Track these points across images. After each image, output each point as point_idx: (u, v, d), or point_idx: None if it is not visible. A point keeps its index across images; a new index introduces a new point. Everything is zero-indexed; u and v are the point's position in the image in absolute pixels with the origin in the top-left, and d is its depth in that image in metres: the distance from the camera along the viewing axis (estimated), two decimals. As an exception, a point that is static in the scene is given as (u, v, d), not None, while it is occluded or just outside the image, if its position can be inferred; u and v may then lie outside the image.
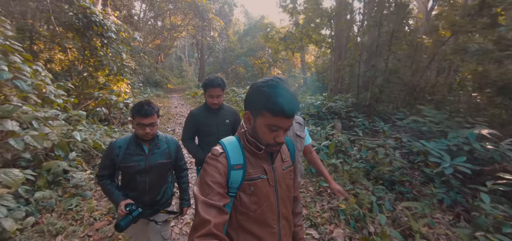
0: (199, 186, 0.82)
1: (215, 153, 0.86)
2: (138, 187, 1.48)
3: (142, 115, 1.38)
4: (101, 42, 6.77)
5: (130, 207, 1.37)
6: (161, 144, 1.55)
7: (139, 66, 14.03)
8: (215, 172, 0.81)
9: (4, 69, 2.79)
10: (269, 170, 0.90)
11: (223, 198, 0.79)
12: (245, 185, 0.85)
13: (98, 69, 7.03)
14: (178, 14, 19.52)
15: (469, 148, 2.90)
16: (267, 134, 0.81)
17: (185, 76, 24.98)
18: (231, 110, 2.15)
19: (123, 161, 1.44)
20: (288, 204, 0.98)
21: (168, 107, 9.62)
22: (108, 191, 1.47)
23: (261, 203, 0.87)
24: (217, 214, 0.75)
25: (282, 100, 0.76)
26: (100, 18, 6.42)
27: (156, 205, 1.57)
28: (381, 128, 4.62)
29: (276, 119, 0.78)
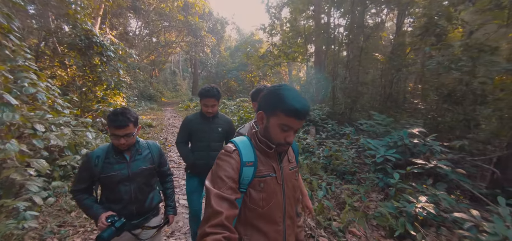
0: (212, 180, 0.85)
1: (228, 150, 0.91)
2: (123, 197, 1.41)
3: (115, 126, 1.33)
4: (100, 60, 7.49)
5: (111, 218, 1.29)
6: (143, 150, 1.51)
7: (134, 81, 14.74)
8: (229, 167, 0.86)
9: (26, 85, 3.46)
10: (277, 169, 0.95)
11: (235, 193, 0.84)
12: (255, 182, 0.90)
13: (96, 84, 7.71)
14: (172, 31, 20.55)
15: (401, 143, 3.66)
16: (279, 133, 0.87)
17: (179, 90, 25.74)
18: (226, 119, 2.24)
19: (103, 172, 1.37)
20: (293, 203, 1.02)
21: (161, 119, 10.27)
22: (85, 206, 1.37)
23: (269, 199, 0.91)
24: (228, 207, 0.79)
25: (295, 102, 0.84)
26: (100, 39, 7.17)
27: (145, 213, 1.51)
28: (346, 132, 5.38)
29: (289, 120, 0.85)
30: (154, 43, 20.51)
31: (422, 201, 2.37)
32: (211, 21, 20.77)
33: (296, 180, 1.05)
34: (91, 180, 1.39)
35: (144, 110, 12.50)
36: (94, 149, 1.43)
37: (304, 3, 7.65)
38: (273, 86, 0.92)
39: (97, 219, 1.30)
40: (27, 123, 2.69)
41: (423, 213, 2.28)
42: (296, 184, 1.05)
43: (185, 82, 30.58)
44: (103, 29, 12.48)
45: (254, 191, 0.90)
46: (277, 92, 0.87)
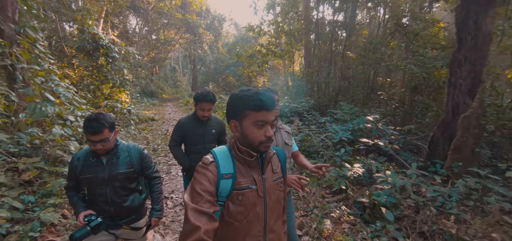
0: (189, 194, 0.84)
1: (205, 162, 0.89)
2: (99, 199, 1.45)
3: (90, 133, 1.34)
4: (106, 60, 8.35)
5: (89, 217, 1.35)
6: (121, 153, 1.51)
7: (136, 79, 15.61)
8: (205, 181, 0.84)
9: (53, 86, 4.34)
10: (259, 180, 0.92)
11: (213, 206, 0.82)
12: (234, 195, 0.87)
13: (103, 82, 8.59)
14: (171, 29, 21.32)
15: (357, 128, 4.51)
16: (257, 132, 0.86)
17: (179, 86, 26.62)
18: (218, 120, 2.30)
19: (82, 173, 1.43)
20: (277, 216, 0.99)
21: (162, 114, 11.17)
22: (72, 203, 1.48)
23: (247, 213, 0.89)
24: (207, 221, 0.78)
25: (260, 96, 0.85)
26: (106, 42, 8.02)
27: (126, 215, 1.54)
28: (323, 121, 6.24)
29: (261, 114, 0.84)
30: (153, 41, 21.34)
31: (355, 167, 3.24)
32: (208, 18, 21.49)
33: (280, 191, 1.01)
34: (76, 179, 1.46)
35: (146, 106, 13.40)
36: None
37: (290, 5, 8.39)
38: (233, 93, 0.93)
39: (77, 217, 1.38)
40: (62, 115, 3.57)
41: (354, 175, 3.15)
42: (280, 196, 1.01)
43: (185, 78, 31.44)
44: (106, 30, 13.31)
45: (232, 204, 0.88)
46: (238, 95, 0.89)
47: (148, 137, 6.67)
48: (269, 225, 0.94)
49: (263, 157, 0.96)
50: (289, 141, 1.73)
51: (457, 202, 2.49)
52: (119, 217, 1.51)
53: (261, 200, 0.92)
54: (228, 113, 0.92)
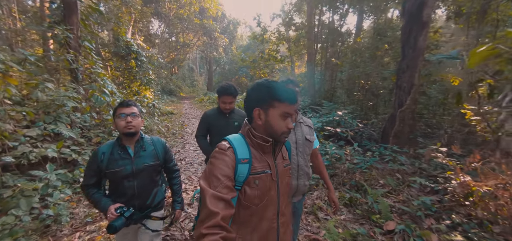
0: (206, 180, 0.87)
1: (222, 147, 0.93)
2: (127, 192, 1.47)
3: (123, 106, 1.46)
4: (136, 63, 10.20)
5: (120, 209, 1.37)
6: (147, 146, 1.55)
7: (158, 78, 17.66)
8: (224, 165, 0.88)
9: (102, 83, 6.07)
10: (272, 165, 0.98)
11: (231, 191, 0.85)
12: (251, 179, 0.92)
13: (132, 81, 10.44)
14: (190, 32, 23.34)
15: (332, 119, 5.79)
16: (281, 123, 0.92)
17: (196, 85, 28.70)
18: (241, 113, 2.40)
19: (108, 167, 1.43)
20: (287, 200, 1.07)
21: (180, 109, 12.97)
22: (94, 200, 1.45)
23: (263, 197, 0.94)
24: (224, 207, 0.80)
25: (287, 89, 0.92)
26: (136, 48, 9.86)
27: (146, 209, 1.56)
28: (309, 116, 7.53)
29: (287, 106, 0.91)
30: (173, 43, 23.48)
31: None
32: (224, 22, 23.25)
33: (289, 177, 1.08)
34: (99, 175, 1.46)
35: (166, 102, 15.32)
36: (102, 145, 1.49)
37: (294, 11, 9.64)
38: (259, 82, 0.96)
39: (106, 211, 1.37)
40: (113, 104, 5.23)
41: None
42: (289, 182, 1.08)
43: (202, 78, 33.57)
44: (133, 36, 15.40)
45: (249, 188, 0.92)
46: (265, 85, 0.93)
47: (169, 125, 8.35)
48: (282, 208, 1.00)
49: (276, 144, 0.99)
50: (310, 136, 1.67)
51: (371, 165, 3.77)
52: (142, 210, 1.53)
53: (275, 184, 0.97)
54: (251, 101, 0.95)
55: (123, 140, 1.49)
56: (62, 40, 5.27)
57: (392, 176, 3.48)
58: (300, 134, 1.62)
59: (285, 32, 10.48)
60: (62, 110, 4.23)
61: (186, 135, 7.15)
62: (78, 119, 4.56)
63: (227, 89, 2.23)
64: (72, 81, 5.40)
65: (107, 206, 1.39)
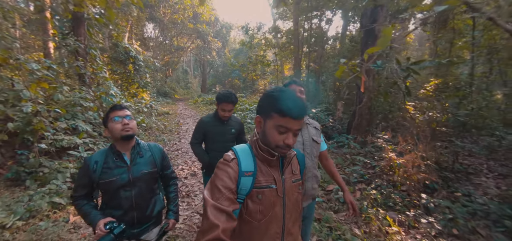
0: (210, 190, 0.86)
1: (227, 158, 0.92)
2: (123, 204, 1.38)
3: (117, 109, 1.40)
4: (133, 67, 11.10)
5: (110, 225, 1.26)
6: (144, 152, 1.48)
7: (153, 81, 18.53)
8: (226, 177, 0.87)
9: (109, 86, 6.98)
10: (278, 180, 0.94)
11: (233, 204, 0.84)
12: (254, 193, 0.89)
13: (130, 84, 11.33)
14: (184, 36, 24.27)
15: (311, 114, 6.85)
16: (276, 136, 0.87)
17: (190, 88, 29.54)
18: (237, 120, 2.43)
19: (102, 177, 1.34)
20: (295, 219, 1.00)
21: (175, 110, 13.88)
22: (84, 213, 1.35)
23: (266, 212, 0.91)
24: (226, 220, 0.80)
25: (289, 102, 0.84)
26: (134, 53, 10.77)
27: (146, 222, 1.48)
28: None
29: (284, 120, 0.84)
30: (168, 46, 24.37)
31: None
32: (217, 26, 24.27)
33: (299, 193, 1.03)
34: (91, 186, 1.38)
35: (162, 104, 16.20)
36: (91, 154, 1.40)
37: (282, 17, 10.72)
38: (268, 89, 0.94)
39: (95, 226, 1.27)
40: (119, 104, 6.19)
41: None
42: (299, 198, 1.03)
43: (196, 80, 34.42)
44: (129, 41, 16.28)
45: (252, 202, 0.90)
46: (271, 94, 0.89)
47: (165, 124, 9.28)
48: (287, 227, 0.96)
49: (283, 158, 0.97)
50: (317, 138, 1.67)
51: (329, 150, 4.81)
52: (141, 223, 1.46)
53: (280, 201, 0.94)
54: (258, 108, 0.94)
55: (118, 146, 1.40)
56: (73, 49, 6.19)
57: (343, 157, 4.52)
58: (307, 135, 1.61)
59: (272, 38, 11.56)
60: (78, 109, 5.15)
61: (182, 132, 8.11)
62: (91, 117, 5.47)
63: (228, 97, 2.21)
64: (81, 85, 6.32)
65: (97, 220, 1.30)
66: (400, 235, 2.57)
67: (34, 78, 4.17)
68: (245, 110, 10.10)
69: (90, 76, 6.70)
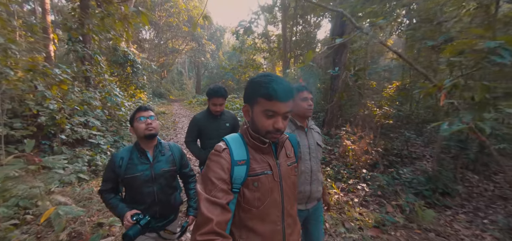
0: (202, 183, 0.86)
1: (218, 149, 0.91)
2: (146, 198, 1.49)
3: (143, 109, 1.53)
4: (132, 70, 11.97)
5: (136, 216, 1.38)
6: (165, 151, 1.60)
7: (149, 82, 19.36)
8: (219, 168, 0.86)
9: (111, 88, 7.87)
10: (274, 165, 0.95)
11: (227, 195, 0.84)
12: (249, 181, 0.89)
13: (128, 85, 12.19)
14: (179, 38, 25.15)
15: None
16: (265, 121, 0.86)
17: (185, 89, 30.38)
18: (231, 115, 2.47)
19: (127, 172, 1.46)
20: (293, 201, 1.02)
21: (171, 110, 14.79)
22: (111, 205, 1.48)
23: (264, 199, 0.91)
24: (220, 212, 0.80)
25: (274, 84, 0.82)
26: (132, 56, 11.65)
27: (168, 215, 1.61)
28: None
29: (271, 104, 0.83)
30: (163, 47, 25.20)
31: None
32: (211, 29, 25.21)
33: (295, 176, 1.04)
34: (116, 180, 1.49)
35: (158, 104, 17.06)
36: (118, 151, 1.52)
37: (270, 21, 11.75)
38: (251, 78, 0.93)
39: (123, 218, 1.40)
40: (123, 104, 7.06)
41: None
42: (295, 181, 1.04)
43: (191, 81, 35.26)
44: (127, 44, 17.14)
45: (248, 190, 0.90)
46: (255, 80, 0.89)
47: (162, 122, 10.21)
48: (287, 209, 0.97)
49: (276, 143, 0.97)
50: (320, 142, 1.74)
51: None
52: (163, 216, 1.58)
53: (277, 185, 0.94)
54: (244, 97, 0.94)
55: (142, 144, 1.52)
56: (81, 55, 7.08)
57: (312, 146, 5.54)
58: (312, 139, 1.66)
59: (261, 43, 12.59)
60: (89, 107, 6.06)
61: (178, 129, 9.05)
62: (98, 114, 6.38)
63: (218, 91, 2.24)
64: (87, 86, 7.20)
65: (124, 212, 1.41)
66: (338, 194, 3.57)
67: (56, 81, 5.08)
68: (237, 109, 11.06)
69: (94, 79, 7.60)
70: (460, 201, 3.89)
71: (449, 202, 3.76)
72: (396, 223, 2.90)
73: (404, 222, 2.95)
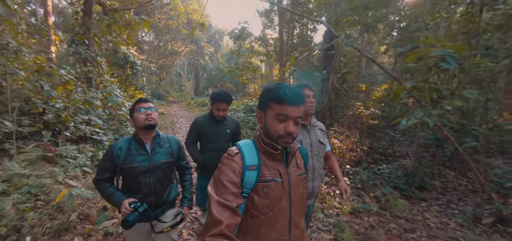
0: (214, 186, 0.88)
1: (231, 153, 0.94)
2: (143, 188, 1.53)
3: (143, 101, 1.55)
4: (131, 71, 12.32)
5: (134, 204, 1.42)
6: (163, 143, 1.63)
7: (148, 83, 19.72)
8: (230, 172, 0.89)
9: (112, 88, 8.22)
10: (284, 173, 0.97)
11: (237, 198, 0.86)
12: (259, 187, 0.91)
13: (128, 86, 12.53)
14: (178, 40, 25.55)
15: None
16: (277, 125, 0.89)
17: (184, 90, 30.72)
18: (233, 120, 2.47)
19: (125, 162, 1.49)
20: (301, 212, 1.03)
21: (169, 111, 15.15)
22: (108, 194, 1.50)
23: (272, 206, 0.92)
24: (230, 215, 0.81)
25: (285, 89, 0.88)
26: (132, 58, 12.00)
27: (161, 206, 1.63)
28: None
29: (282, 107, 0.87)
30: (162, 48, 25.58)
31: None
32: (210, 32, 25.64)
33: (304, 187, 1.05)
34: (114, 170, 1.52)
35: (157, 105, 17.43)
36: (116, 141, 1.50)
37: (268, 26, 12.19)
38: (265, 86, 0.98)
39: (120, 205, 1.44)
40: (123, 104, 7.39)
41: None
42: (304, 192, 1.05)
43: (190, 83, 35.60)
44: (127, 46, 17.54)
45: (257, 196, 0.91)
46: (268, 88, 0.94)
47: (161, 122, 10.55)
48: (294, 220, 0.98)
49: (287, 151, 1.00)
50: (323, 139, 1.75)
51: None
52: (157, 206, 1.60)
53: (286, 194, 0.96)
54: (258, 104, 0.98)
55: (141, 135, 1.55)
56: (84, 57, 7.43)
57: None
58: (314, 137, 1.67)
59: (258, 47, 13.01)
60: (91, 107, 6.39)
61: (176, 128, 9.41)
62: (100, 113, 6.71)
63: (222, 96, 2.24)
64: (89, 87, 7.55)
65: (121, 200, 1.44)
66: (322, 187, 3.92)
67: (61, 82, 5.41)
68: (233, 110, 11.42)
69: (96, 80, 7.94)
70: (436, 194, 4.25)
71: (425, 195, 4.12)
72: (371, 210, 3.25)
73: (378, 210, 3.29)
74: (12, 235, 2.44)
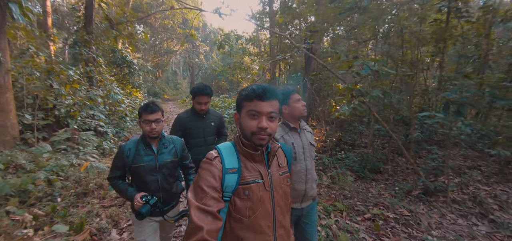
0: (193, 191, 0.88)
1: (209, 157, 0.95)
2: (151, 186, 1.69)
3: (148, 112, 1.63)
4: (128, 70, 13.13)
5: (145, 197, 1.58)
6: (168, 144, 1.79)
7: (144, 82, 20.49)
8: (210, 176, 0.89)
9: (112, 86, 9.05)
10: (265, 174, 0.97)
11: (218, 203, 0.86)
12: (240, 190, 0.92)
13: (125, 85, 13.33)
14: (173, 39, 26.31)
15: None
16: (249, 122, 0.91)
17: (179, 88, 31.49)
18: (216, 114, 2.47)
19: (134, 162, 1.66)
20: (285, 211, 1.03)
21: (165, 108, 15.97)
22: (121, 190, 1.68)
23: (255, 208, 0.93)
24: (211, 221, 0.81)
25: (254, 87, 0.92)
26: (130, 58, 12.81)
27: (170, 201, 1.81)
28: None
29: (253, 104, 0.91)
30: (158, 47, 26.32)
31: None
32: (205, 31, 26.44)
33: (287, 186, 1.05)
34: (124, 168, 1.70)
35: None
36: (126, 141, 1.71)
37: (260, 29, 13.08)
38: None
39: (133, 199, 1.60)
40: (123, 101, 8.23)
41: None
42: (287, 191, 1.05)
43: (185, 81, 36.36)
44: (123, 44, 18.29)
45: (239, 199, 0.92)
46: (241, 91, 0.97)
47: (157, 119, 11.44)
48: (278, 220, 0.98)
49: (268, 152, 1.01)
50: (313, 141, 1.81)
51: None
52: (166, 202, 1.77)
53: (268, 195, 0.96)
54: (235, 108, 1.01)
55: (148, 138, 1.71)
56: (86, 58, 8.25)
57: (282, 137, 6.79)
58: (305, 139, 1.74)
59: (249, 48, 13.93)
60: (94, 103, 7.24)
61: (171, 124, 10.29)
62: (103, 109, 7.57)
63: (203, 89, 2.24)
64: (91, 85, 8.37)
65: (133, 194, 1.61)
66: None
67: (69, 81, 6.26)
68: (224, 107, 12.29)
69: (96, 79, 8.77)
70: (386, 176, 5.20)
71: (377, 177, 5.06)
72: (322, 184, 4.18)
73: (329, 184, 4.22)
74: (46, 197, 3.32)
